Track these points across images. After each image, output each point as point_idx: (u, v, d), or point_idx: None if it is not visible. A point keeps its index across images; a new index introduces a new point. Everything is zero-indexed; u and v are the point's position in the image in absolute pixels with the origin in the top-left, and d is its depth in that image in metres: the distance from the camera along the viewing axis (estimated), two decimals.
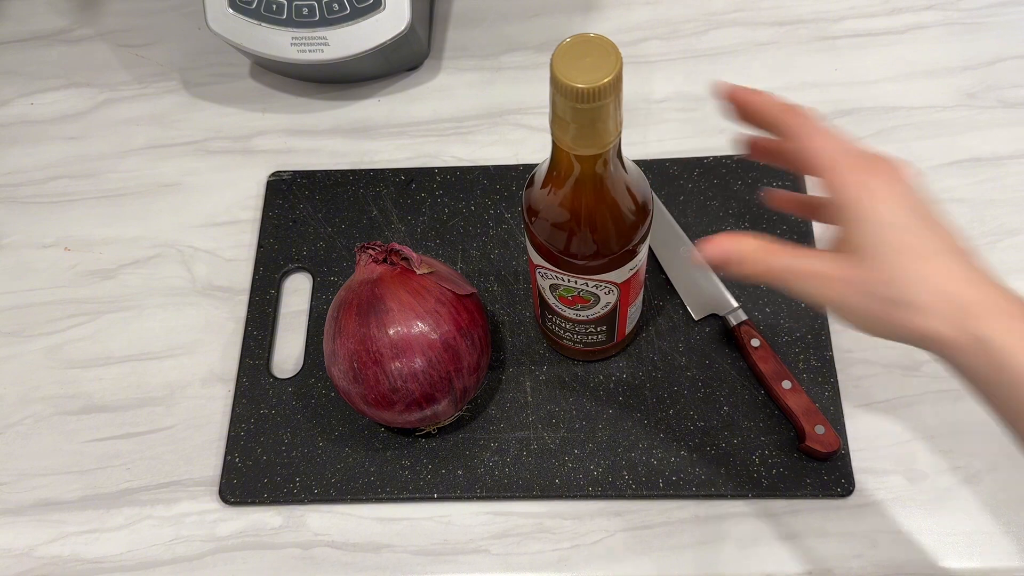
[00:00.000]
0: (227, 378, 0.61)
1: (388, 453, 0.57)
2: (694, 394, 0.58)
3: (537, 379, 0.59)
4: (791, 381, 0.56)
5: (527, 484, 0.56)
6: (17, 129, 0.73)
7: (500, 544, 0.55)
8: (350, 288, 0.54)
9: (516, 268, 0.63)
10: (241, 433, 0.58)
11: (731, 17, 0.75)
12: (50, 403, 0.61)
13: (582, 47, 0.39)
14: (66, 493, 0.58)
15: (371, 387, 0.52)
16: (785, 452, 0.56)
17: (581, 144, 0.41)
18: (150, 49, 0.76)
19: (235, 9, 0.66)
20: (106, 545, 0.56)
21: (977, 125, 0.67)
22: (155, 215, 0.68)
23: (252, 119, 0.72)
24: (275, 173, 0.68)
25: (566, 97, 0.38)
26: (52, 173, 0.70)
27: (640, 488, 0.55)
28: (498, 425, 0.58)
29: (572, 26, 0.75)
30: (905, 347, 0.39)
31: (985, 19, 0.73)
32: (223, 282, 0.65)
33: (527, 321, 0.61)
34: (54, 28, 0.78)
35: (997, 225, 0.63)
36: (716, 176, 0.66)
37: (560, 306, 0.53)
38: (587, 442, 0.57)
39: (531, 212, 0.48)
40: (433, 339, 0.51)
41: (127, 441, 0.59)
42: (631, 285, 0.52)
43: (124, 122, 0.73)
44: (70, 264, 0.66)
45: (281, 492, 0.56)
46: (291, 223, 0.66)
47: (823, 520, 0.54)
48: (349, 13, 0.65)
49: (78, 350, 0.63)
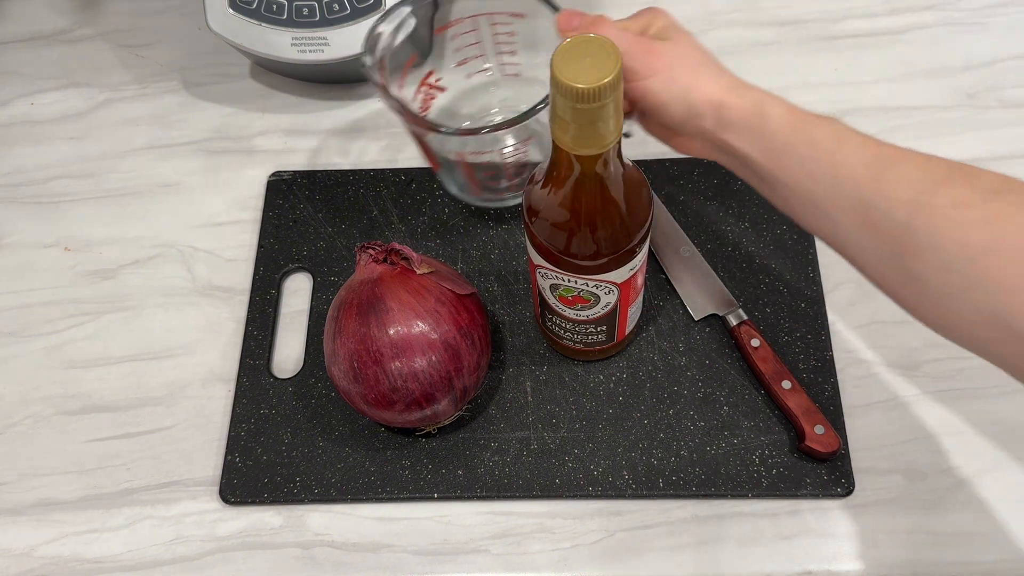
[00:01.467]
0: (227, 378, 0.61)
1: (388, 453, 0.57)
2: (694, 394, 0.58)
3: (537, 379, 0.59)
4: (791, 381, 0.56)
5: (527, 484, 0.56)
6: (17, 129, 0.73)
7: (500, 544, 0.55)
8: (350, 288, 0.54)
9: (516, 268, 0.63)
10: (241, 433, 0.58)
11: (731, 17, 0.75)
12: (50, 403, 0.61)
13: (582, 47, 0.39)
14: (66, 493, 0.58)
15: (371, 387, 0.52)
16: (785, 452, 0.56)
17: (581, 144, 0.41)
18: (150, 49, 0.76)
19: (235, 9, 0.66)
20: (106, 545, 0.56)
21: (977, 125, 0.67)
22: (155, 215, 0.68)
23: (252, 119, 0.72)
24: (275, 173, 0.68)
25: (566, 97, 0.38)
26: (52, 173, 0.70)
27: (640, 488, 0.55)
28: (498, 425, 0.58)
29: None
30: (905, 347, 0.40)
31: (985, 19, 0.73)
32: (223, 282, 0.65)
33: (527, 321, 0.61)
34: (54, 28, 0.78)
35: None
36: (716, 176, 0.66)
37: (560, 306, 0.53)
38: (587, 442, 0.57)
39: (531, 212, 0.48)
40: (433, 339, 0.51)
41: (127, 441, 0.59)
42: (631, 285, 0.52)
43: (124, 122, 0.73)
44: (70, 264, 0.66)
45: (281, 492, 0.56)
46: (291, 223, 0.66)
47: (823, 520, 0.54)
48: (349, 13, 0.65)
49: (78, 350, 0.63)
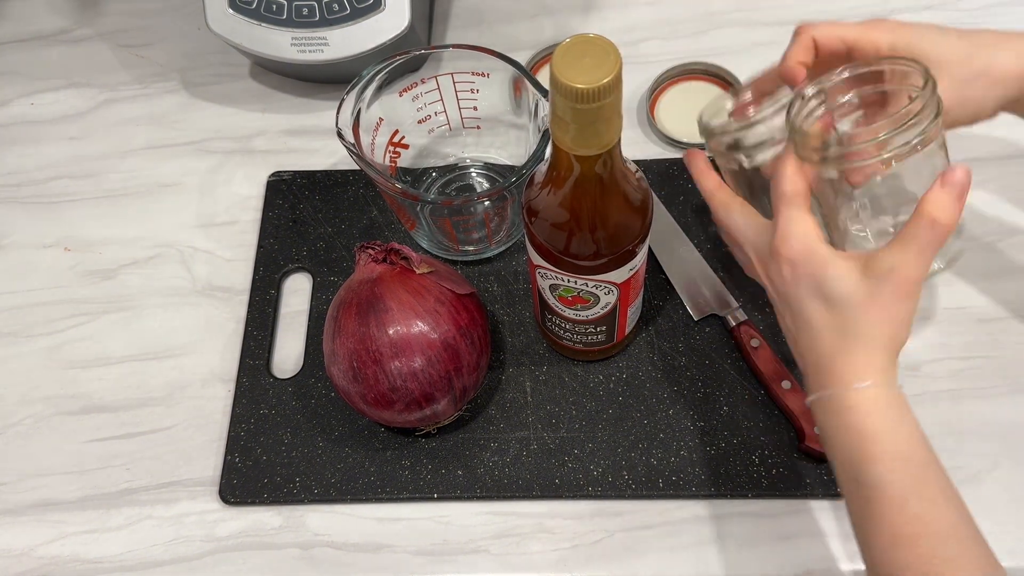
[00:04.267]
0: (227, 378, 0.61)
1: (388, 453, 0.57)
2: (694, 394, 0.58)
3: (537, 379, 0.59)
4: (791, 381, 0.56)
5: (527, 484, 0.56)
6: (17, 129, 0.73)
7: (500, 544, 0.55)
8: (350, 288, 0.54)
9: (516, 268, 0.63)
10: (241, 433, 0.58)
11: (731, 17, 0.75)
12: (50, 403, 0.61)
13: (582, 47, 0.39)
14: (66, 493, 0.58)
15: (371, 386, 0.52)
16: (785, 452, 0.56)
17: (581, 144, 0.41)
18: (150, 49, 0.76)
19: (235, 9, 0.66)
20: (106, 545, 0.56)
21: (977, 125, 0.67)
22: (155, 215, 0.68)
23: (252, 119, 0.72)
24: (275, 173, 0.68)
25: (566, 97, 0.38)
26: (52, 173, 0.70)
27: (640, 488, 0.55)
28: (498, 425, 0.58)
29: (572, 26, 0.75)
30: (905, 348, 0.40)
31: (985, 19, 0.73)
32: (223, 282, 0.65)
33: (527, 321, 0.61)
34: (54, 28, 0.78)
35: (997, 225, 0.63)
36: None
37: (560, 306, 0.53)
38: (587, 442, 0.57)
39: (531, 212, 0.48)
40: (433, 338, 0.51)
41: (127, 441, 0.59)
42: (631, 285, 0.52)
43: (124, 122, 0.73)
44: (70, 264, 0.66)
45: (281, 492, 0.56)
46: (291, 223, 0.66)
47: (823, 520, 0.54)
48: (349, 13, 0.65)
49: (78, 350, 0.63)
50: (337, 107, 0.56)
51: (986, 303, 0.61)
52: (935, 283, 0.61)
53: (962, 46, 0.48)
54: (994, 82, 0.48)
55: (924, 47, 0.48)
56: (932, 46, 0.48)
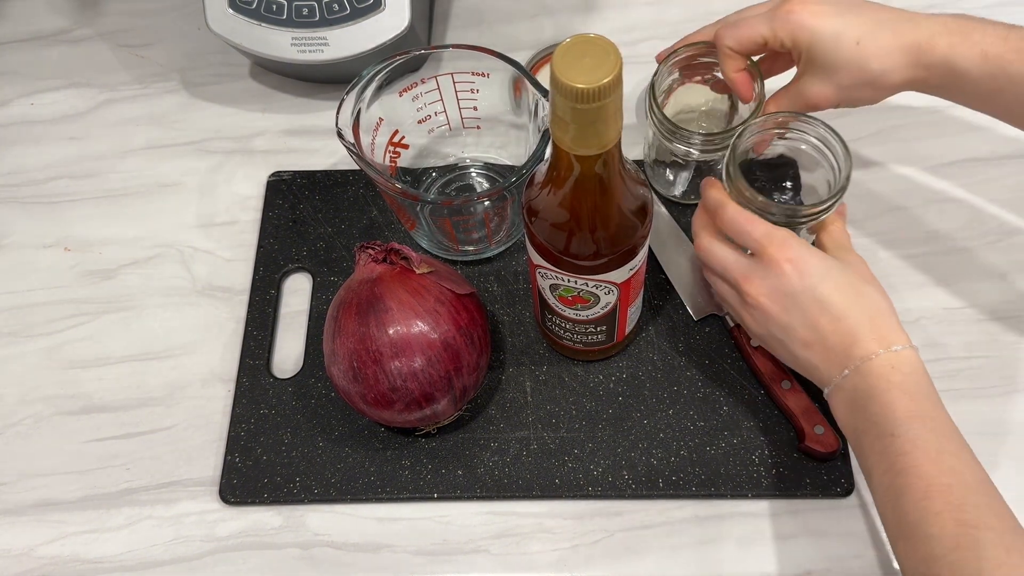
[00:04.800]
0: (227, 378, 0.61)
1: (388, 453, 0.57)
2: (694, 394, 0.58)
3: (537, 379, 0.59)
4: (790, 381, 0.56)
5: (527, 484, 0.56)
6: (17, 129, 0.73)
7: (500, 544, 0.55)
8: (350, 288, 0.54)
9: (516, 268, 0.63)
10: (241, 433, 0.58)
11: None
12: (50, 403, 0.61)
13: (582, 47, 0.39)
14: (66, 493, 0.58)
15: (371, 386, 0.52)
16: (785, 452, 0.56)
17: (581, 144, 0.41)
18: (150, 49, 0.76)
19: (235, 9, 0.66)
20: (106, 545, 0.56)
21: (977, 125, 0.67)
22: (155, 215, 0.68)
23: (252, 119, 0.72)
24: (275, 173, 0.68)
25: (566, 97, 0.38)
26: (52, 173, 0.70)
27: (640, 488, 0.55)
28: (498, 425, 0.58)
29: (572, 26, 0.75)
30: None
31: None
32: (223, 282, 0.65)
33: (527, 321, 0.61)
34: (54, 28, 0.78)
35: (997, 225, 0.63)
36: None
37: (560, 306, 0.53)
38: (587, 442, 0.57)
39: (531, 212, 0.48)
40: (432, 338, 0.51)
41: (127, 441, 0.59)
42: (631, 285, 0.52)
43: (124, 122, 0.73)
44: (70, 264, 0.66)
45: (281, 492, 0.56)
46: (291, 223, 0.66)
47: (823, 520, 0.54)
48: (349, 13, 0.65)
49: (78, 350, 0.63)
50: (337, 107, 0.56)
51: (985, 303, 0.61)
52: (935, 283, 0.62)
53: (854, 57, 0.53)
54: (880, 88, 0.54)
55: (816, 53, 0.53)
56: (824, 55, 0.53)
